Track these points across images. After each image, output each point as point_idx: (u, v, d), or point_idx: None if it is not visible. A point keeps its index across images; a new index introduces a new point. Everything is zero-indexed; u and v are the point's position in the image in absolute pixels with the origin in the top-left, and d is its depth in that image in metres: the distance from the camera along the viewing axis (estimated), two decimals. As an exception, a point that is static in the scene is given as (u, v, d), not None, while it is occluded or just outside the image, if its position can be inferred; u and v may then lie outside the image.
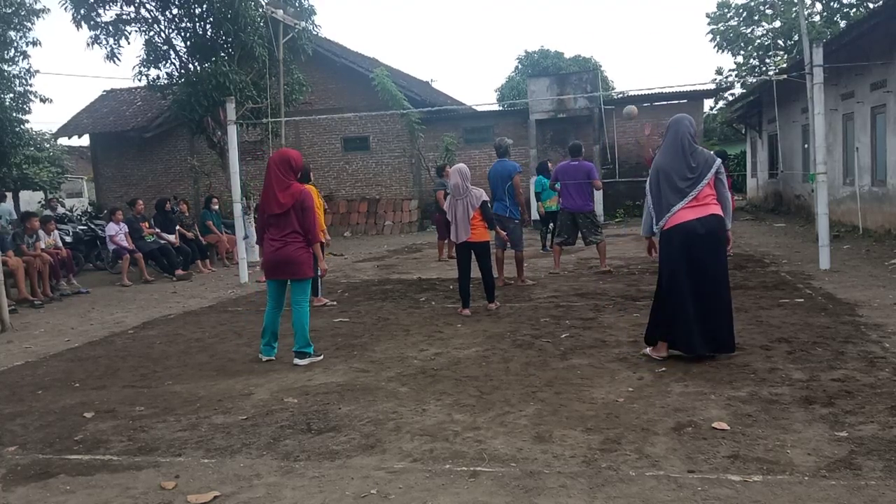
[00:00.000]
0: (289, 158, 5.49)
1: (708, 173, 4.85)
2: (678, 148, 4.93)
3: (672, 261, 4.89)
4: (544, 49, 34.47)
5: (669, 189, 4.89)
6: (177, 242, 12.38)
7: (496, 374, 4.86)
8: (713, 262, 4.83)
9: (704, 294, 4.80)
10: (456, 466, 3.33)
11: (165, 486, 3.30)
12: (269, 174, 5.47)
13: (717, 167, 4.90)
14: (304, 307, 5.53)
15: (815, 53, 9.24)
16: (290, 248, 5.42)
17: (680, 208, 4.84)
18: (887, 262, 8.92)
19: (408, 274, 10.74)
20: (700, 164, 4.86)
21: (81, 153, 30.13)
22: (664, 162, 4.97)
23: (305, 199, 5.45)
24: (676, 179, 4.86)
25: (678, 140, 4.95)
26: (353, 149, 21.81)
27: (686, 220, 4.82)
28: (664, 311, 4.93)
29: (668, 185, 4.90)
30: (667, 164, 4.94)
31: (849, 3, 23.97)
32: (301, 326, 5.49)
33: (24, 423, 4.35)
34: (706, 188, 4.86)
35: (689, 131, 4.97)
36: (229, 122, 11.20)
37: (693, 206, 4.84)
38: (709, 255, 4.81)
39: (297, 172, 5.52)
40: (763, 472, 3.08)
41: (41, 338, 7.30)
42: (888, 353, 4.82)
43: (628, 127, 20.12)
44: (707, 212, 4.83)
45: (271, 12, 13.68)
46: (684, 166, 4.86)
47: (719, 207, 4.90)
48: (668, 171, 4.91)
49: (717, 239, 4.85)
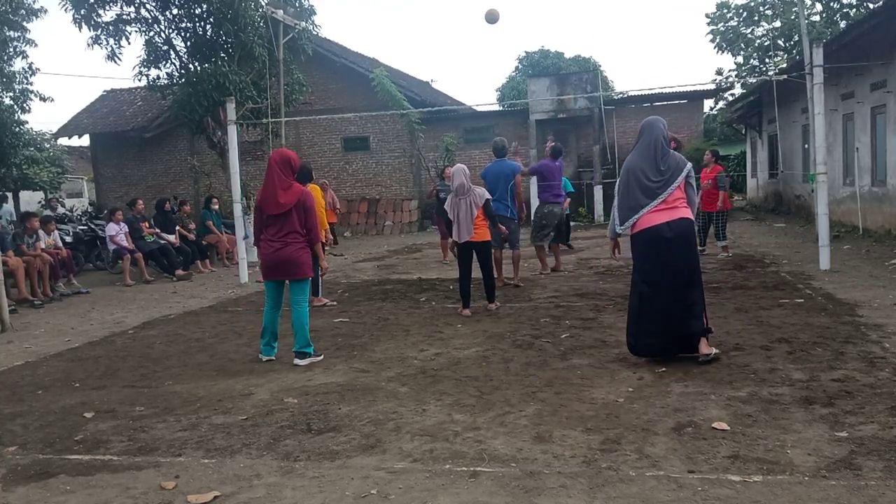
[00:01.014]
0: (289, 158, 5.52)
1: (679, 176, 4.82)
2: (650, 150, 4.89)
3: (643, 265, 4.86)
4: (544, 49, 34.45)
5: (640, 190, 4.85)
6: (177, 242, 12.38)
7: (496, 375, 4.86)
8: (684, 265, 4.78)
9: (673, 297, 4.75)
10: (456, 466, 3.33)
11: (165, 486, 3.30)
12: (270, 174, 5.46)
13: (688, 171, 4.88)
14: (303, 307, 5.54)
15: (815, 53, 9.25)
16: (290, 249, 5.42)
17: (648, 210, 4.80)
18: (887, 263, 8.92)
19: (408, 274, 10.74)
20: (671, 167, 4.84)
21: (81, 153, 30.12)
22: (635, 163, 4.93)
23: (307, 199, 5.49)
24: (646, 181, 4.82)
25: (651, 142, 4.91)
26: (353, 149, 21.81)
27: (655, 223, 4.78)
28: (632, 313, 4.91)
29: (639, 186, 4.85)
30: (638, 166, 4.90)
31: (849, 3, 23.95)
32: (301, 326, 5.49)
33: (24, 423, 4.35)
34: (676, 191, 4.82)
35: (662, 134, 4.94)
36: (229, 122, 11.20)
37: (662, 209, 4.80)
38: (679, 258, 4.76)
39: (295, 172, 5.57)
40: (763, 473, 3.08)
41: (41, 338, 7.30)
42: (888, 354, 4.82)
43: (628, 127, 20.14)
44: (676, 215, 4.79)
45: (271, 12, 13.69)
46: (655, 168, 4.83)
47: (689, 211, 4.87)
48: (638, 172, 4.87)
49: (688, 242, 4.81)
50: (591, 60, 34.91)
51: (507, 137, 20.85)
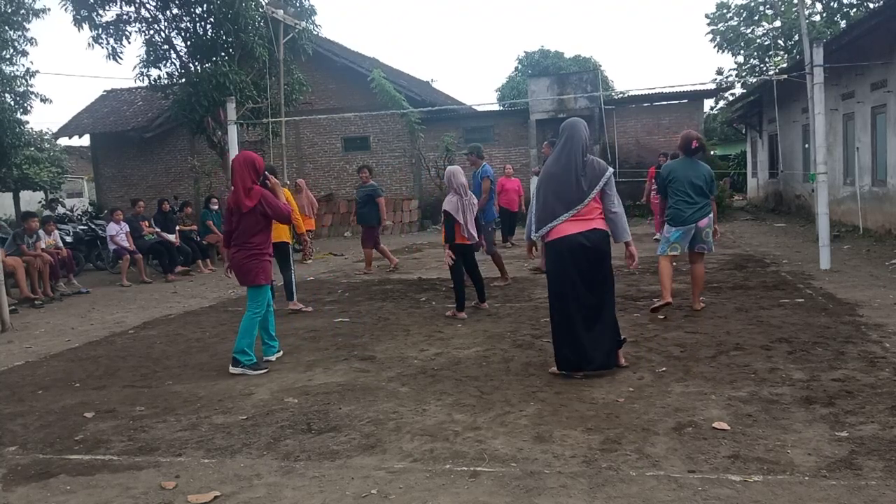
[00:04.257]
0: (253, 161, 5.46)
1: (597, 186, 4.64)
2: (571, 157, 4.67)
3: (558, 274, 4.68)
4: (544, 49, 34.50)
5: (556, 199, 4.65)
6: (177, 242, 12.39)
7: (496, 374, 4.86)
8: (599, 277, 4.64)
9: (588, 308, 4.61)
10: (456, 466, 3.33)
11: (166, 486, 3.30)
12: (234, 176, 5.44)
13: (607, 179, 4.68)
14: (249, 313, 5.42)
15: (816, 53, 9.25)
16: (240, 255, 5.40)
17: (563, 221, 4.62)
18: (888, 262, 8.92)
19: (408, 274, 10.74)
20: (590, 177, 4.63)
21: (82, 153, 30.11)
22: (555, 169, 4.72)
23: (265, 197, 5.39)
24: (564, 190, 4.63)
25: (573, 148, 4.69)
26: (353, 149, 21.81)
27: (568, 233, 4.60)
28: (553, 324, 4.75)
29: (555, 195, 4.66)
30: (557, 173, 4.69)
31: (849, 3, 23.96)
32: (242, 331, 5.34)
33: (24, 423, 4.35)
34: (592, 202, 4.63)
35: (584, 137, 4.74)
36: (229, 122, 11.20)
37: (576, 220, 4.60)
38: (594, 268, 4.62)
39: (259, 175, 5.50)
40: (763, 472, 3.08)
41: (41, 338, 7.30)
42: (888, 353, 4.81)
43: (629, 127, 20.15)
44: (590, 226, 4.61)
45: (271, 12, 13.71)
46: (575, 177, 4.61)
47: (603, 222, 4.68)
48: (557, 180, 4.67)
49: (603, 253, 4.65)
50: (591, 60, 34.96)
51: (507, 137, 21.06)
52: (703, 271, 6.72)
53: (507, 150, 20.55)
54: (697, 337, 5.60)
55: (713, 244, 6.69)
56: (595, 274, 4.63)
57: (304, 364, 5.48)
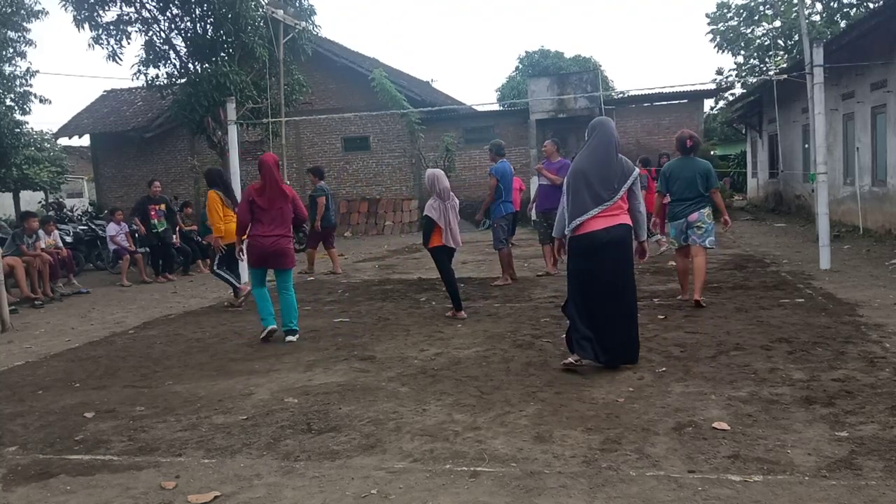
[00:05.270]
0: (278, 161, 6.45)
1: (625, 184, 4.77)
2: (604, 153, 4.80)
3: (577, 268, 4.80)
4: (544, 49, 34.47)
5: (588, 194, 4.73)
6: (177, 243, 12.38)
7: (496, 374, 4.86)
8: (619, 271, 4.74)
9: (608, 303, 4.71)
10: (456, 466, 3.33)
11: (166, 486, 3.30)
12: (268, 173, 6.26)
13: (635, 178, 4.84)
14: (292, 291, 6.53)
15: (816, 53, 9.25)
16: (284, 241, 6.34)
17: (592, 216, 4.71)
18: (888, 262, 8.92)
19: (408, 274, 10.74)
20: (620, 175, 4.77)
21: (82, 153, 30.13)
22: (587, 165, 4.81)
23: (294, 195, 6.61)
24: (597, 186, 4.72)
25: (606, 145, 4.82)
26: (353, 149, 21.80)
27: (593, 229, 4.70)
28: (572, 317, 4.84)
29: (588, 191, 4.73)
30: (590, 169, 4.78)
31: (849, 3, 23.95)
32: (295, 307, 6.44)
33: (24, 423, 4.35)
34: (620, 200, 4.76)
35: (616, 136, 4.92)
36: (229, 123, 11.19)
37: (604, 216, 4.72)
38: (614, 263, 4.72)
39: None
40: (763, 472, 3.08)
41: (41, 338, 7.31)
42: (888, 353, 4.81)
43: (629, 127, 20.14)
44: (616, 221, 4.74)
45: (271, 12, 13.70)
46: (609, 173, 4.75)
47: (628, 217, 4.83)
48: (590, 176, 4.76)
49: (623, 248, 4.77)
50: (591, 60, 34.93)
51: (507, 137, 21.04)
52: (702, 263, 6.84)
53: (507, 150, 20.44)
54: (697, 337, 5.60)
55: (711, 240, 6.84)
56: (616, 268, 4.75)
57: (304, 364, 5.48)
